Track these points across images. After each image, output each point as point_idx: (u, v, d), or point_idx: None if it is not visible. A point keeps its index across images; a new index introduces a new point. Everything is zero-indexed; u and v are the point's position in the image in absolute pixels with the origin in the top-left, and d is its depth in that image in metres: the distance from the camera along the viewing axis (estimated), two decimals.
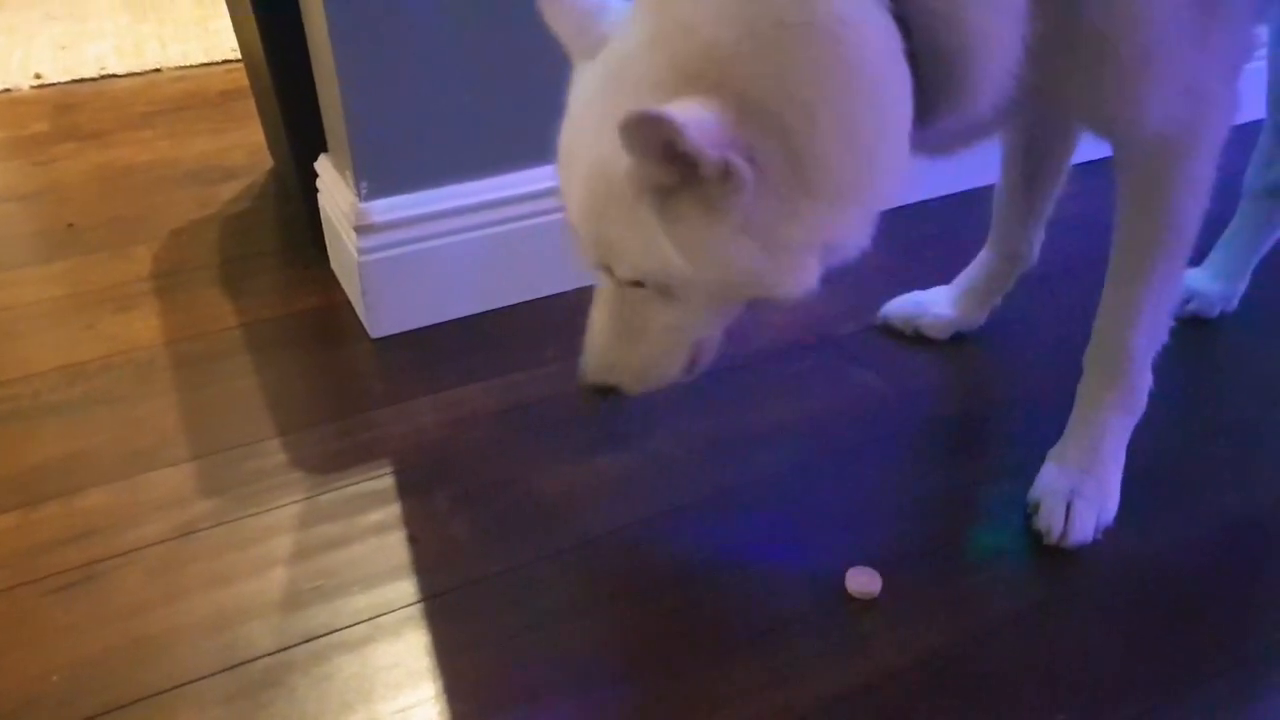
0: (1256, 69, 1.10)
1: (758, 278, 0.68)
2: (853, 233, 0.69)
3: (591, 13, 0.71)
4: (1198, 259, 1.19)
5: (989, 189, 1.10)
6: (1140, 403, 0.91)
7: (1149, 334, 0.87)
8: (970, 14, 0.65)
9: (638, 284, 0.73)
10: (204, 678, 0.79)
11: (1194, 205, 0.82)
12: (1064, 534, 0.87)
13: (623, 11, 0.70)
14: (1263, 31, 1.06)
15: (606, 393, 0.81)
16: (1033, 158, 1.03)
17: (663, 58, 0.65)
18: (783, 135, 0.63)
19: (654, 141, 0.60)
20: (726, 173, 0.62)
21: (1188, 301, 1.16)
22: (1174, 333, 0.89)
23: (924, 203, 1.45)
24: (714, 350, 0.82)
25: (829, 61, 0.63)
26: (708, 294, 0.72)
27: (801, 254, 0.68)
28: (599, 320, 0.79)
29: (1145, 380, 0.90)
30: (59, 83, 2.10)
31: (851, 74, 0.63)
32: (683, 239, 0.67)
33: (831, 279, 0.71)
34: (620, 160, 0.64)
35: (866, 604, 0.83)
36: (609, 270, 0.74)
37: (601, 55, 0.70)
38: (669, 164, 0.62)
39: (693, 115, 0.60)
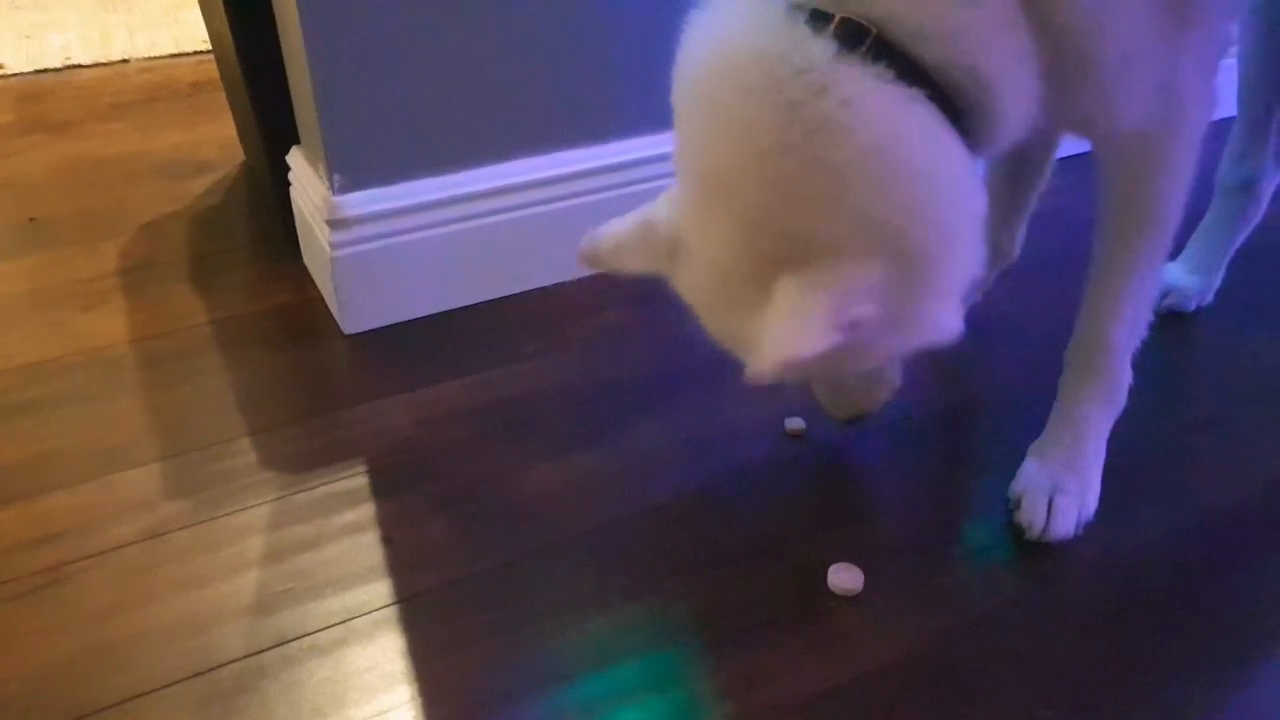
0: (1228, 65, 1.10)
1: (915, 345, 0.74)
2: (968, 273, 0.72)
3: (643, 236, 0.76)
4: (1173, 253, 1.19)
5: None
6: (1121, 398, 0.91)
7: (1130, 328, 0.88)
8: (989, 67, 0.67)
9: None
10: (174, 683, 0.77)
11: (1174, 199, 0.83)
12: (1046, 529, 0.87)
13: (663, 215, 0.74)
14: (1235, 28, 1.06)
15: (860, 419, 0.95)
16: (1015, 155, 1.03)
17: (745, 254, 0.67)
18: (883, 259, 0.65)
19: (797, 369, 0.63)
20: (855, 324, 0.65)
21: (1165, 296, 1.17)
22: (1152, 327, 0.90)
23: None
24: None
25: (893, 176, 0.64)
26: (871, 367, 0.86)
27: (938, 314, 0.71)
28: (820, 391, 0.94)
29: (1126, 375, 0.90)
30: (22, 73, 2.05)
31: (917, 175, 0.65)
32: (855, 362, 0.77)
33: None
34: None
35: (849, 600, 0.83)
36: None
37: (683, 259, 0.73)
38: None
39: (821, 332, 0.62)
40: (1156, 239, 0.84)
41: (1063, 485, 0.88)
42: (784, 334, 0.63)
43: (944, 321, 0.71)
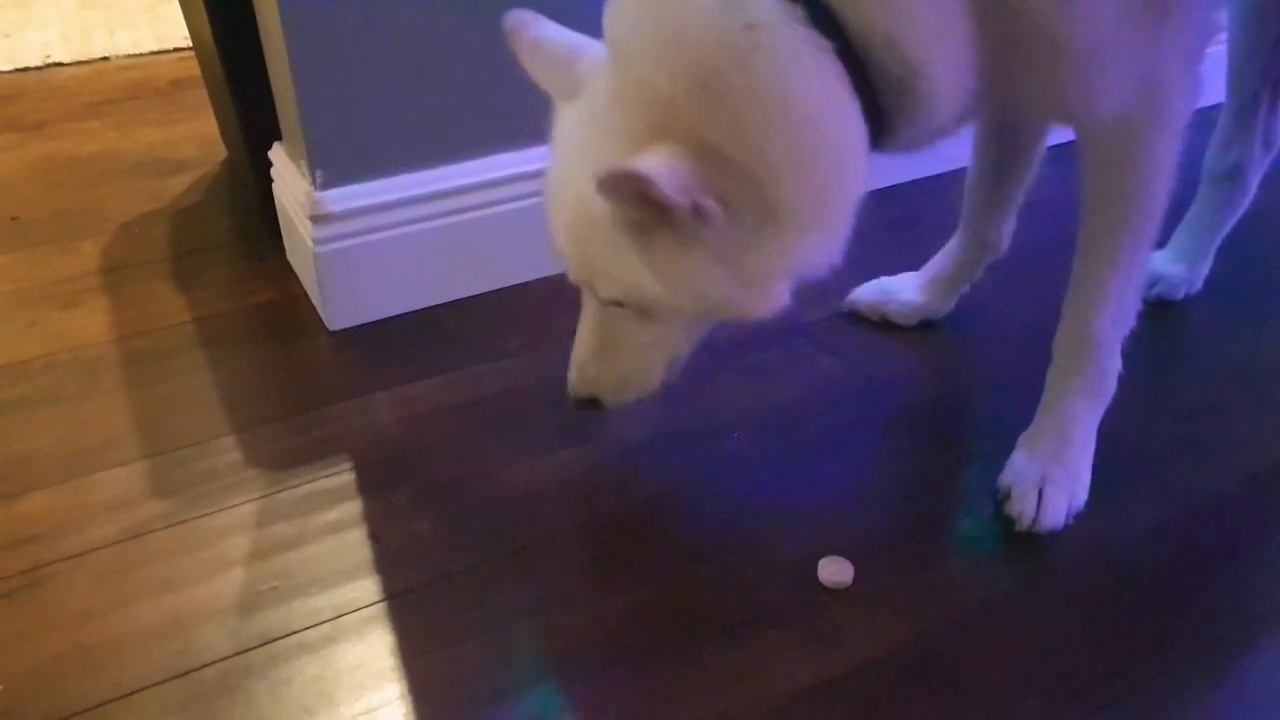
0: (1217, 53, 1.10)
1: (731, 302, 0.74)
2: (822, 255, 0.74)
3: (567, 58, 0.77)
4: (1160, 243, 1.19)
5: (957, 174, 1.09)
6: (1109, 388, 0.90)
7: (1117, 318, 0.87)
8: (911, 42, 0.68)
9: (618, 304, 0.78)
10: (155, 685, 0.76)
11: (1158, 187, 0.82)
12: (1035, 520, 0.86)
13: (595, 55, 0.75)
14: (1223, 17, 1.06)
15: (590, 405, 0.87)
16: (1004, 146, 1.03)
17: (632, 111, 0.70)
18: (744, 177, 0.68)
19: (628, 192, 0.66)
20: (698, 212, 0.67)
21: (1153, 285, 1.17)
22: (1140, 316, 0.89)
23: (891, 188, 1.44)
24: (683, 363, 0.88)
25: (777, 111, 0.67)
26: (683, 316, 0.79)
27: (772, 279, 0.73)
28: (583, 336, 0.85)
29: (1114, 365, 0.89)
30: (2, 71, 2.03)
31: (799, 119, 0.68)
32: (659, 269, 0.72)
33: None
34: (600, 200, 0.68)
35: (838, 593, 0.82)
36: (592, 289, 0.80)
37: (580, 100, 0.75)
38: (645, 207, 0.67)
39: (661, 166, 0.65)
40: (1141, 229, 0.84)
41: (1052, 476, 0.88)
42: (641, 159, 0.65)
43: (770, 288, 0.73)
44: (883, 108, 0.71)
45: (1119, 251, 0.85)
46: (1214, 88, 1.06)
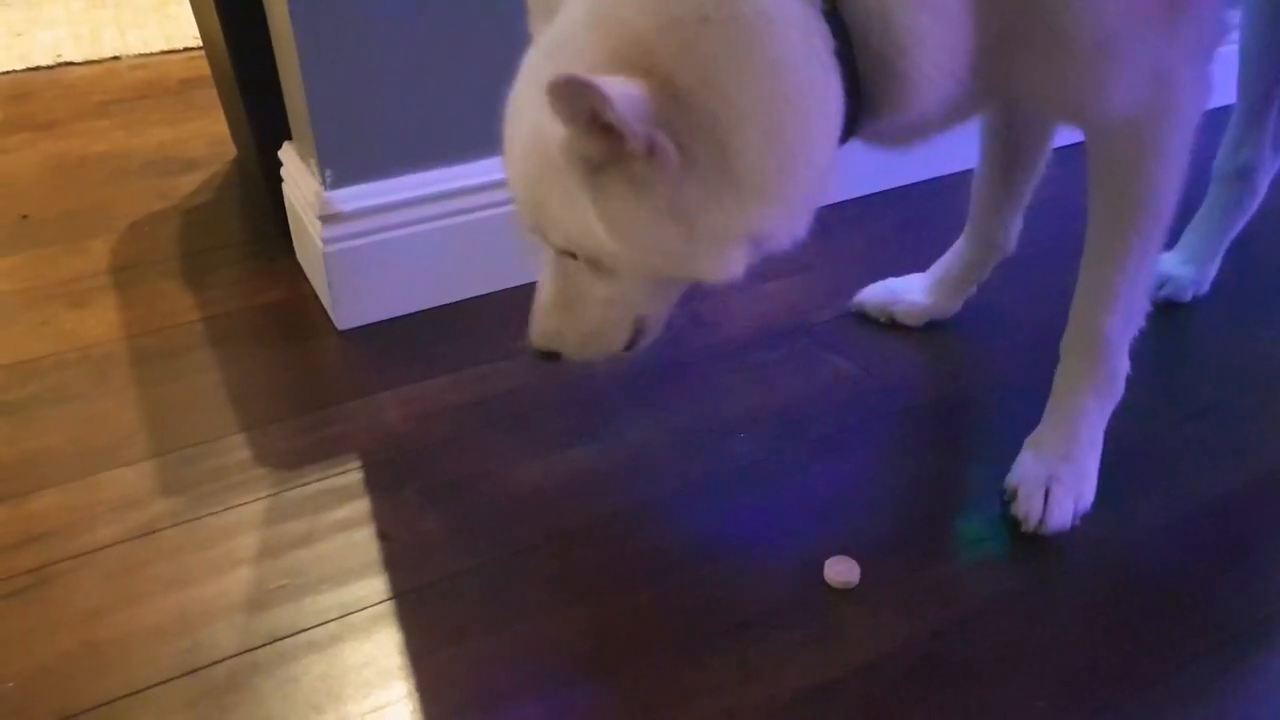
0: (1228, 53, 1.10)
1: (680, 260, 0.70)
2: (780, 227, 0.71)
3: None
4: (1169, 244, 1.19)
5: (964, 174, 1.09)
6: (1118, 389, 0.90)
7: (1125, 319, 0.87)
8: (902, 16, 0.66)
9: (571, 255, 0.75)
10: (164, 682, 0.76)
11: (1167, 188, 0.82)
12: (1042, 520, 0.86)
13: None
14: (1234, 17, 1.05)
15: (550, 358, 0.84)
16: (1011, 146, 1.02)
17: (599, 40, 0.66)
18: (708, 126, 0.65)
19: (581, 108, 0.61)
20: (651, 151, 0.64)
21: (1161, 286, 1.16)
22: (1148, 317, 0.89)
23: (898, 189, 1.44)
24: (658, 328, 0.84)
25: (751, 58, 0.64)
26: (634, 271, 0.74)
27: (725, 243, 0.70)
28: (541, 287, 0.81)
29: (1123, 366, 0.89)
30: (12, 71, 2.04)
31: (773, 71, 0.65)
32: (609, 214, 0.68)
33: (810, 265, 0.71)
34: (556, 130, 0.65)
35: (845, 593, 0.82)
36: (544, 236, 0.76)
37: (550, 28, 0.71)
38: (598, 136, 0.63)
39: (620, 88, 0.61)
40: (1150, 230, 0.83)
41: (1059, 477, 0.87)
42: (605, 78, 0.61)
43: (725, 252, 0.70)
44: (863, 84, 0.69)
45: (1128, 253, 0.84)
46: (1225, 89, 1.05)
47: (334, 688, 0.76)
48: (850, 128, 0.71)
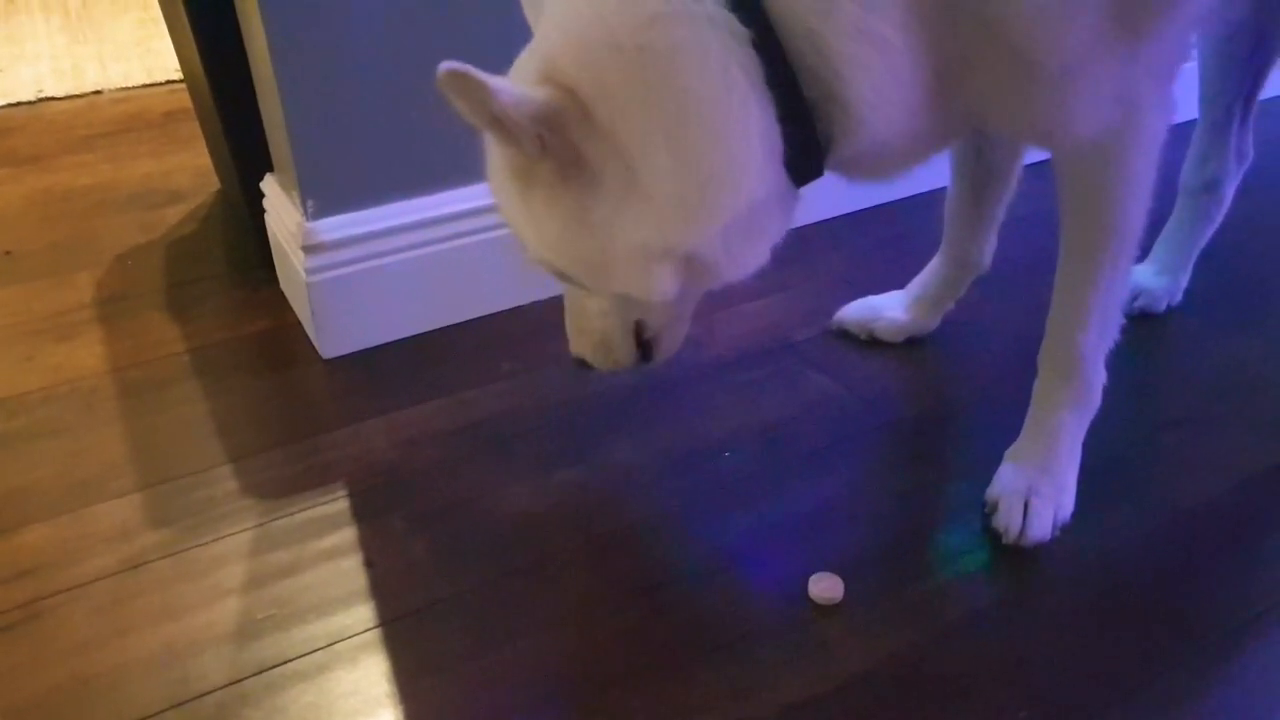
0: (1189, 69, 1.12)
1: (602, 273, 0.73)
2: (712, 250, 0.71)
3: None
4: (1140, 256, 1.21)
5: (940, 192, 1.10)
6: (1094, 400, 0.91)
7: (1100, 334, 0.88)
8: (836, 44, 0.66)
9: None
10: (155, 714, 0.76)
11: (1135, 207, 0.83)
12: (1022, 533, 0.87)
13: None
14: (1194, 37, 1.07)
15: (585, 366, 0.89)
16: (981, 165, 1.04)
17: (530, 58, 0.71)
18: (614, 144, 0.67)
19: (472, 100, 0.63)
20: (544, 150, 0.67)
21: (1136, 298, 1.18)
22: (1123, 329, 0.90)
23: (878, 207, 1.46)
24: (672, 339, 0.87)
25: (658, 85, 0.66)
26: (581, 282, 0.77)
27: (646, 260, 0.71)
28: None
29: (1099, 377, 0.91)
30: None
31: (682, 99, 0.66)
32: (534, 222, 0.73)
33: (791, 284, 0.72)
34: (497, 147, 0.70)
35: (829, 609, 0.83)
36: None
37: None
38: (502, 134, 0.67)
39: (504, 84, 0.64)
40: (1120, 249, 0.84)
41: (1038, 489, 0.89)
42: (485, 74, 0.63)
43: (648, 268, 0.71)
44: (815, 112, 0.69)
45: (1099, 271, 0.85)
46: (1188, 103, 1.07)
47: (322, 717, 0.76)
48: (809, 159, 0.72)
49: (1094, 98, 0.75)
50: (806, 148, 0.71)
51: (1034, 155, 1.03)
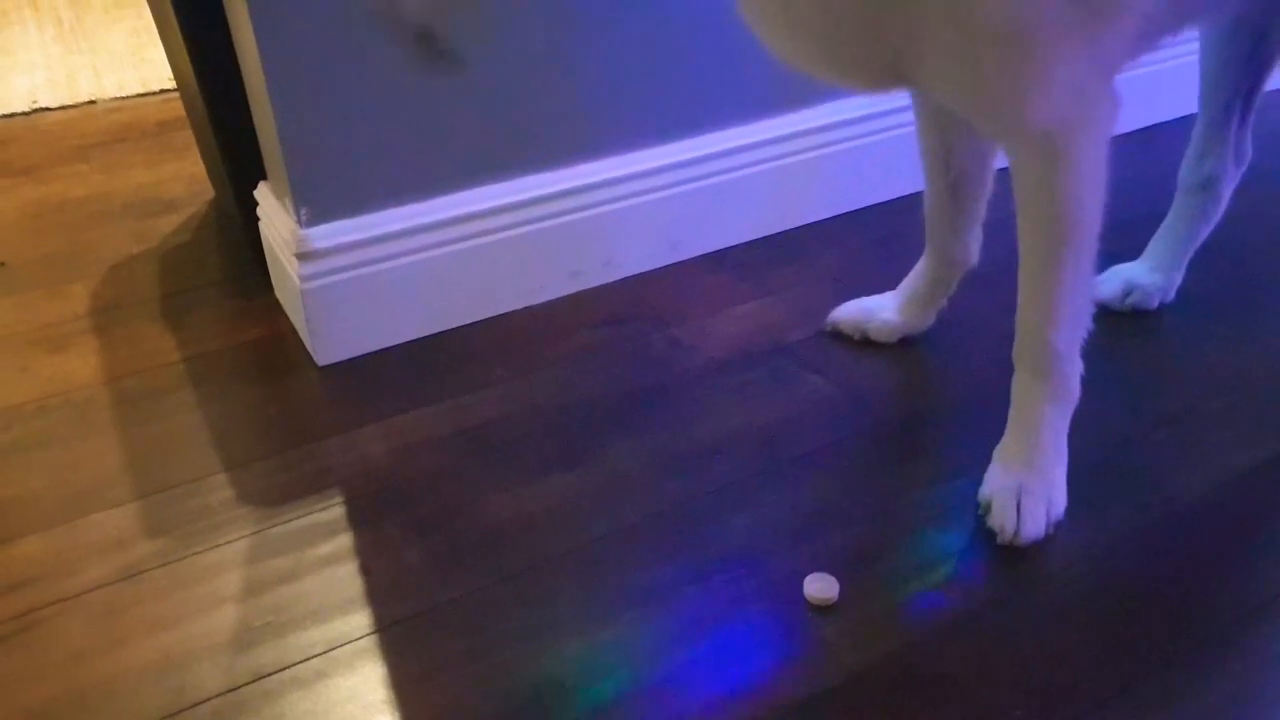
0: (1189, 65, 1.12)
1: None
2: None
3: None
4: (1135, 253, 1.21)
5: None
6: (1073, 391, 0.91)
7: (1071, 327, 0.88)
8: None
9: None
10: None
11: (1090, 199, 0.82)
12: (1016, 531, 0.88)
13: None
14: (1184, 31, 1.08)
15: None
16: (954, 167, 1.04)
17: None
18: None
19: None
20: None
21: (1128, 295, 1.18)
22: (1115, 325, 0.91)
23: (869, 207, 1.46)
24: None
25: None
26: None
27: None
28: None
29: (1075, 368, 0.90)
30: None
31: None
32: None
33: (783, 286, 0.71)
34: None
35: (825, 610, 0.83)
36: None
37: None
38: None
39: None
40: (1078, 240, 0.84)
41: (1028, 487, 0.89)
42: None
43: None
44: None
45: (1061, 266, 0.85)
46: (1188, 99, 1.07)
47: None
48: None
49: (1046, 80, 0.74)
50: None
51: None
